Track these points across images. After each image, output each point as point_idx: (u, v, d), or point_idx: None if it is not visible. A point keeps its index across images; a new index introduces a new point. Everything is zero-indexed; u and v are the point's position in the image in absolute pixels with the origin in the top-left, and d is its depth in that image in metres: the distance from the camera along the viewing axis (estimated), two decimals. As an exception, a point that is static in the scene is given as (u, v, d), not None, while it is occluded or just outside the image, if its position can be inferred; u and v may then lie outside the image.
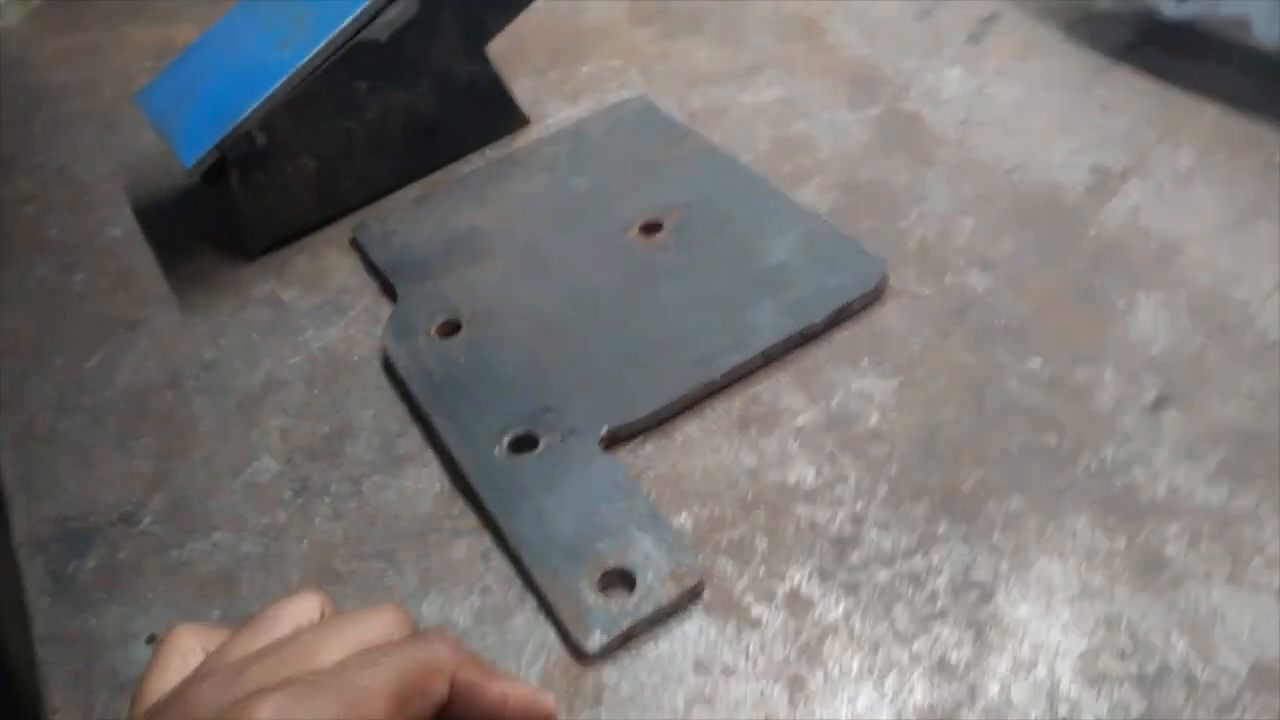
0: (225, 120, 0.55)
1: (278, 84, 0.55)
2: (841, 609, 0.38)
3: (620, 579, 0.40)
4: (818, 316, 0.48)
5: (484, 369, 0.49)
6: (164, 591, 0.44)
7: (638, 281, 0.51)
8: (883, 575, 0.38)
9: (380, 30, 0.56)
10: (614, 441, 0.45)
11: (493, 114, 0.63)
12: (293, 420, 0.50)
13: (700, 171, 0.58)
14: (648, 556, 0.40)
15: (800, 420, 0.45)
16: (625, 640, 0.38)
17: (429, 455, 0.47)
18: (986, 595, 0.37)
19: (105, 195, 0.68)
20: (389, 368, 0.51)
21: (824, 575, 0.39)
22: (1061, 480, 0.40)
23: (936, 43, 0.64)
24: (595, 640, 0.38)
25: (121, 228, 0.65)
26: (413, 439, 0.48)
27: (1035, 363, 0.44)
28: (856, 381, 0.45)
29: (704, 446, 0.44)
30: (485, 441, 0.46)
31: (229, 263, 0.60)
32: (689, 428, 0.45)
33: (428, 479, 0.46)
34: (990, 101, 0.59)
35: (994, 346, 0.45)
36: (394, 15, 0.56)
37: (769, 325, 0.48)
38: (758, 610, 0.38)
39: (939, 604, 0.37)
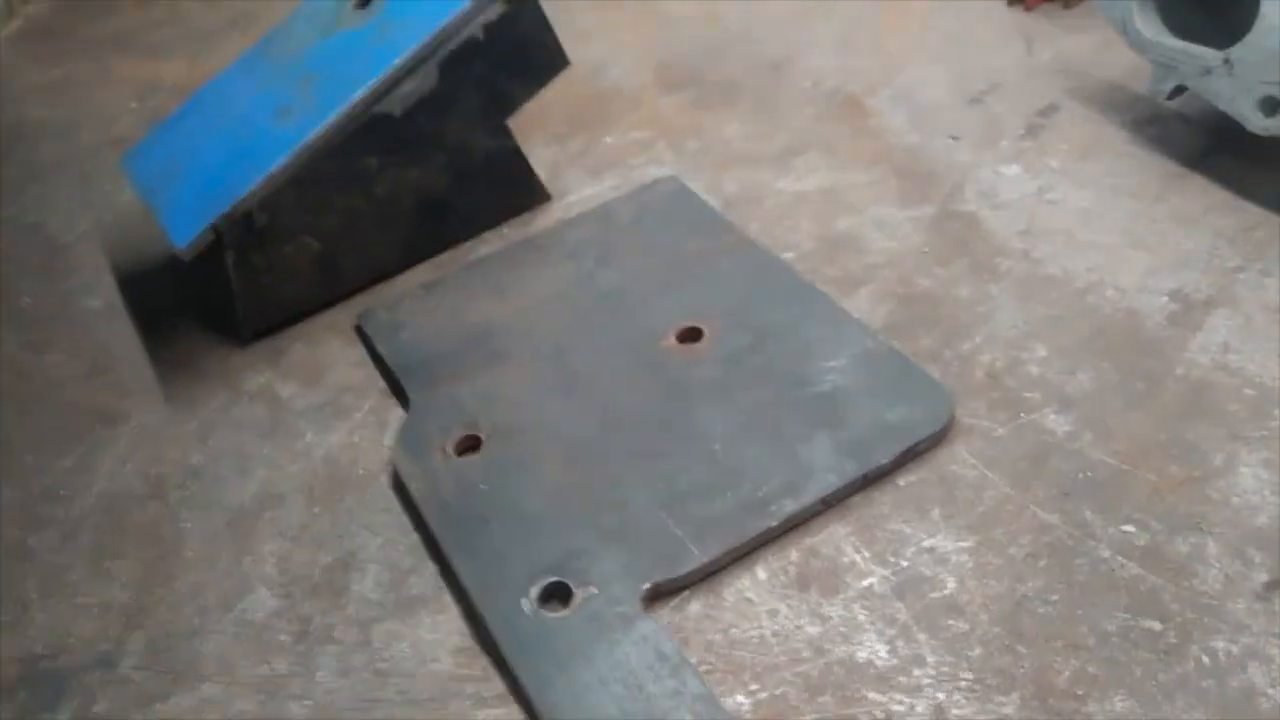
0: (222, 199, 0.50)
1: (281, 161, 0.50)
2: (929, 832, 0.33)
3: (672, 779, 0.35)
4: (884, 458, 0.43)
5: (507, 499, 0.44)
6: (142, 760, 0.38)
7: (676, 401, 0.47)
8: (973, 789, 0.34)
9: (394, 104, 0.52)
10: (655, 597, 0.41)
11: (511, 190, 0.58)
12: (290, 544, 0.45)
13: (740, 271, 0.53)
14: (704, 753, 0.35)
15: (867, 582, 0.40)
16: None
17: (446, 599, 0.42)
18: (1095, 824, 0.32)
19: (82, 257, 0.62)
20: (399, 487, 0.46)
21: (905, 784, 0.34)
22: (1169, 677, 0.36)
23: (992, 134, 0.60)
24: None
25: (100, 298, 0.59)
26: (427, 576, 0.43)
27: (1129, 528, 0.40)
28: (928, 539, 0.41)
29: (759, 609, 0.40)
30: (511, 589, 0.41)
31: (219, 346, 0.55)
32: (740, 584, 0.41)
33: (445, 629, 0.41)
34: (1054, 207, 0.55)
35: (1081, 504, 0.41)
36: (410, 88, 0.52)
37: (827, 465, 0.43)
38: (831, 826, 0.33)
39: (1041, 831, 0.33)
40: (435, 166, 0.55)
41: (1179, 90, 0.55)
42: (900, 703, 0.36)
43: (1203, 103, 0.55)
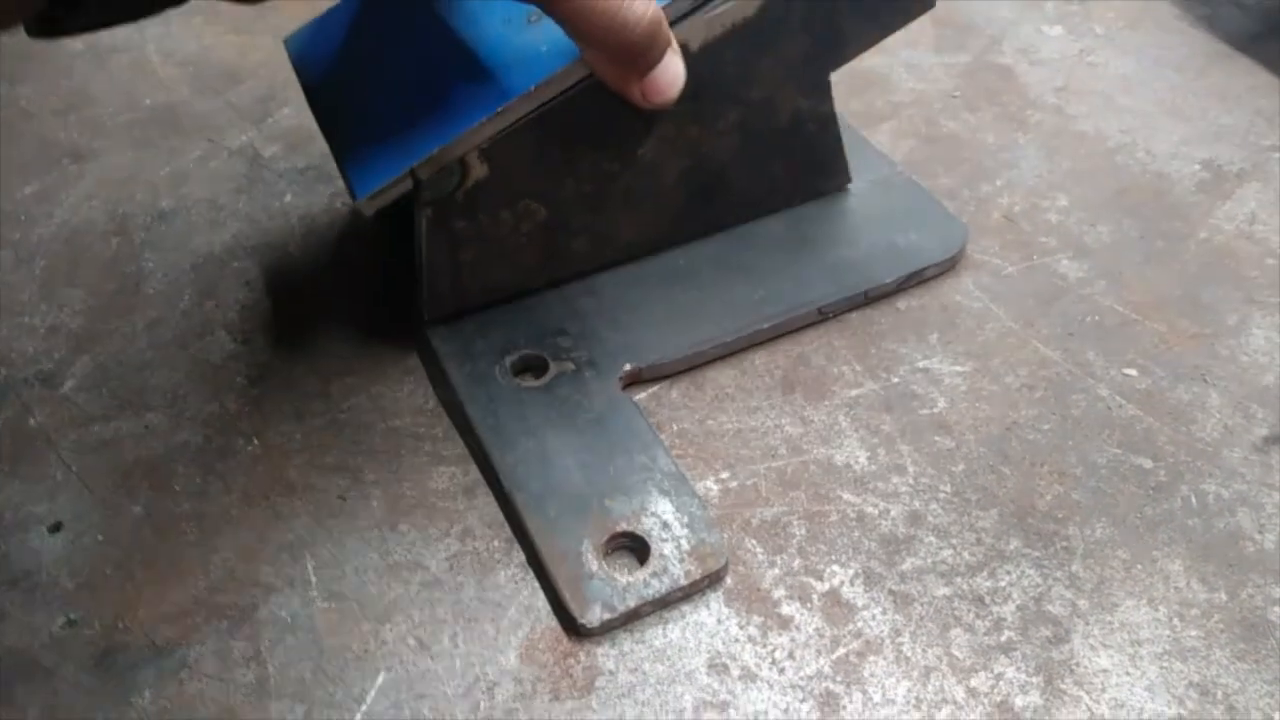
0: (428, 135, 0.36)
1: (520, 94, 0.35)
2: (889, 623, 0.32)
3: (630, 546, 0.33)
4: (887, 277, 0.41)
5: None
6: (78, 473, 0.36)
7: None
8: (941, 590, 0.32)
9: (694, 31, 0.36)
10: (634, 382, 0.39)
11: (810, 168, 0.44)
12: (258, 295, 0.43)
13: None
14: (666, 525, 0.33)
15: (854, 393, 0.38)
16: (629, 620, 0.32)
17: (413, 362, 0.40)
18: (1062, 635, 0.31)
19: None
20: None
21: (870, 579, 0.33)
22: (1155, 512, 0.34)
23: (1038, -5, 0.57)
24: (594, 615, 0.31)
25: (82, 41, 0.56)
26: (396, 338, 0.41)
27: (1131, 372, 0.39)
28: (923, 359, 0.39)
29: (740, 404, 0.38)
30: (485, 356, 0.39)
31: (201, 95, 0.52)
32: (723, 379, 0.39)
33: (409, 390, 0.39)
34: (1094, 70, 0.52)
35: (1084, 345, 0.40)
36: (721, 11, 0.36)
37: (829, 278, 0.41)
38: (789, 609, 0.32)
39: (1004, 635, 0.31)
40: (724, 126, 0.39)
41: (1242, -36, 0.53)
42: (875, 505, 0.35)
43: (1262, -16, 0.53)
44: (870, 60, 0.53)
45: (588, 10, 0.32)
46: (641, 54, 0.35)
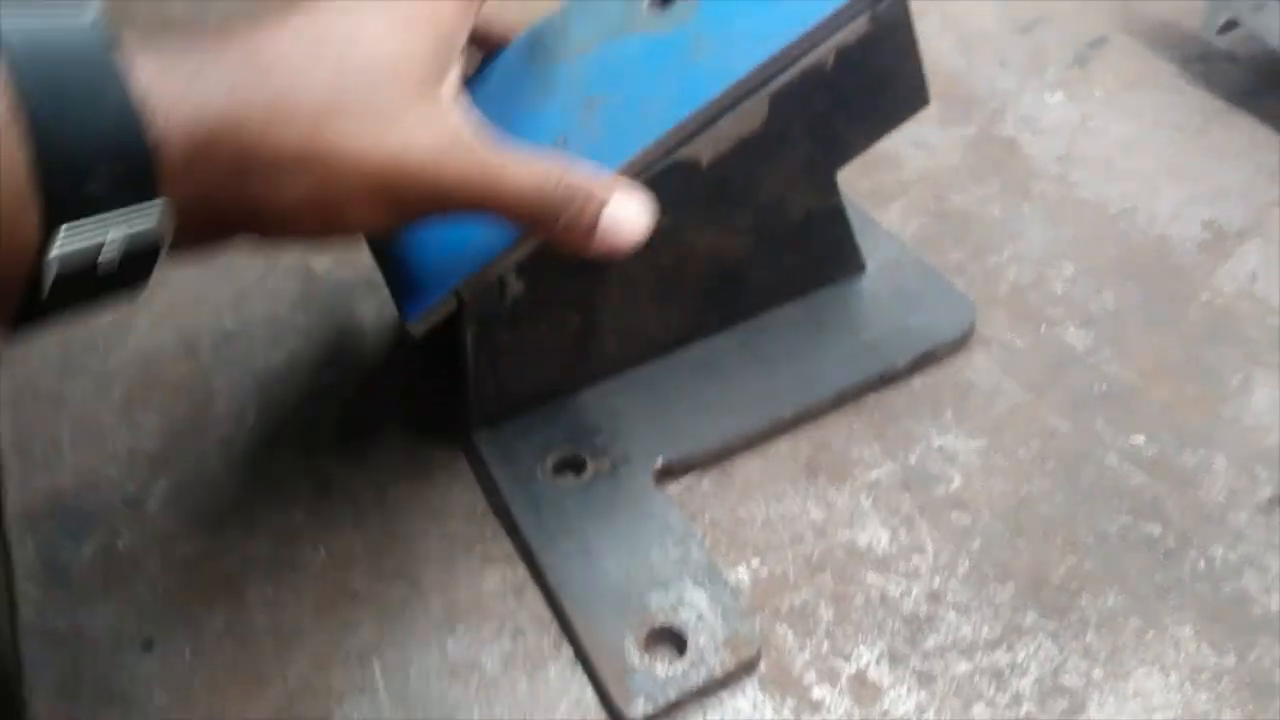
0: (470, 256, 0.38)
1: None
2: (914, 701, 0.34)
3: (670, 639, 0.36)
4: (900, 359, 0.44)
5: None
6: (164, 592, 0.40)
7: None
8: (962, 667, 0.35)
9: (704, 148, 0.39)
10: (667, 474, 0.42)
11: (825, 258, 0.46)
12: (317, 408, 0.46)
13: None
14: (701, 617, 0.36)
15: (874, 474, 0.41)
16: (671, 709, 0.34)
17: (462, 466, 0.43)
18: (1078, 705, 0.33)
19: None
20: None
21: (895, 659, 0.35)
22: (1165, 579, 0.36)
23: (1038, 62, 0.60)
24: (638, 708, 0.34)
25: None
26: (446, 444, 0.44)
27: (1139, 439, 0.40)
28: (938, 437, 0.42)
29: (767, 492, 0.41)
30: (528, 459, 0.42)
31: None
32: (750, 467, 0.42)
33: (460, 495, 0.42)
34: (1095, 135, 0.55)
35: (1093, 415, 0.42)
36: (727, 128, 0.39)
37: (845, 363, 0.44)
38: (819, 692, 0.34)
39: (1023, 709, 0.33)
40: (739, 228, 0.42)
41: (1230, 25, 0.55)
42: (898, 585, 0.37)
43: (1252, 43, 0.55)
44: (881, 141, 0.56)
45: (512, 201, 0.34)
46: (575, 213, 0.35)
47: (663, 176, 0.39)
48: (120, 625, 0.39)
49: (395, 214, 0.33)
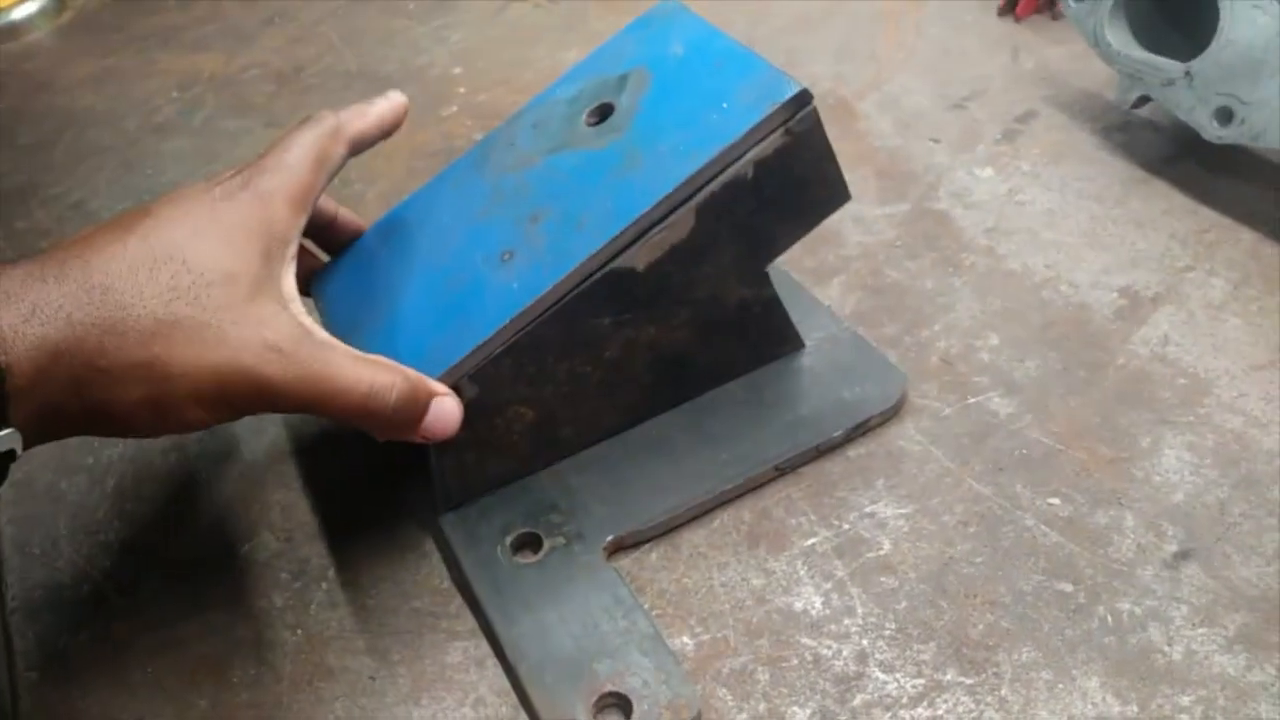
0: (427, 366, 0.42)
1: (500, 325, 0.42)
2: (842, 758, 0.37)
3: (617, 704, 0.39)
4: (835, 431, 0.47)
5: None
6: (154, 674, 0.43)
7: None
8: (885, 723, 0.37)
9: (638, 257, 0.43)
10: (618, 548, 0.45)
11: (763, 341, 0.50)
12: (294, 495, 0.49)
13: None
14: (646, 683, 0.39)
15: (810, 542, 0.44)
16: (618, 772, 0.37)
17: (429, 546, 0.46)
18: (992, 756, 0.36)
19: (123, 234, 0.67)
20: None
21: (825, 717, 0.38)
22: (1075, 633, 0.39)
23: (970, 138, 0.63)
24: (588, 772, 0.37)
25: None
26: (412, 527, 0.47)
27: (1055, 501, 0.44)
28: (870, 505, 0.45)
29: (711, 561, 0.44)
30: (488, 538, 0.45)
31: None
32: (696, 538, 0.45)
33: (427, 573, 0.45)
34: (1021, 208, 0.58)
35: (1013, 479, 0.45)
36: (659, 237, 0.43)
37: (784, 436, 0.47)
38: (756, 751, 0.37)
39: (942, 761, 0.36)
40: (677, 323, 0.46)
41: (1143, 100, 0.58)
42: (829, 647, 0.40)
43: (1170, 112, 0.58)
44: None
45: (340, 405, 0.38)
46: (403, 420, 0.40)
47: (602, 282, 0.43)
48: (113, 708, 0.42)
49: (226, 413, 0.38)
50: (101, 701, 0.42)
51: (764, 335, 0.49)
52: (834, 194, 0.47)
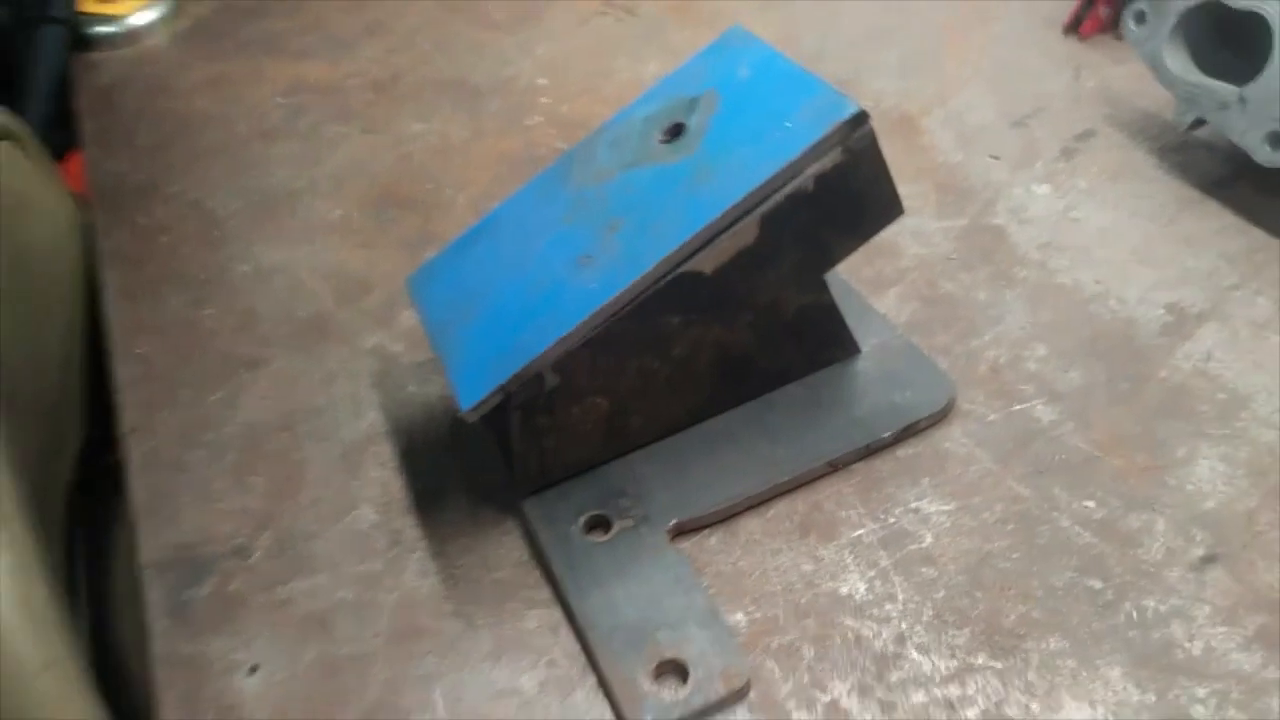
0: (514, 356, 0.46)
1: (579, 321, 0.46)
2: (878, 727, 0.40)
3: (675, 670, 0.43)
4: (886, 432, 0.50)
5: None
6: (266, 627, 0.48)
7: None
8: (918, 697, 0.41)
9: (706, 261, 0.47)
10: (680, 532, 0.49)
11: (820, 345, 0.53)
12: (390, 473, 0.55)
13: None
14: (702, 652, 0.43)
15: (858, 533, 0.47)
16: (675, 730, 0.41)
17: (510, 523, 0.51)
18: (1016, 732, 0.39)
19: (235, 231, 0.73)
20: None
21: (864, 691, 0.42)
22: (1101, 626, 0.42)
23: (1029, 155, 0.66)
24: (648, 728, 0.41)
25: (250, 264, 0.70)
26: (497, 504, 0.52)
27: (1090, 504, 0.47)
28: (915, 501, 0.48)
29: (765, 547, 0.48)
30: (564, 519, 0.49)
31: (343, 309, 0.65)
32: (752, 526, 0.49)
33: (508, 547, 0.50)
34: (1076, 225, 0.61)
35: (1052, 482, 0.48)
36: (725, 244, 0.47)
37: (838, 435, 0.51)
38: (798, 716, 0.41)
39: (970, 735, 0.40)
40: (741, 324, 0.50)
41: (1199, 122, 0.61)
42: (870, 629, 0.44)
43: (1224, 135, 0.60)
44: (883, 231, 0.63)
45: None
46: None
47: (673, 285, 0.47)
48: (231, 653, 0.47)
49: None
50: (220, 648, 0.48)
51: (822, 340, 0.53)
52: (889, 209, 0.50)
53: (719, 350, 0.51)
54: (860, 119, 0.47)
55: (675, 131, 0.52)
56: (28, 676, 0.42)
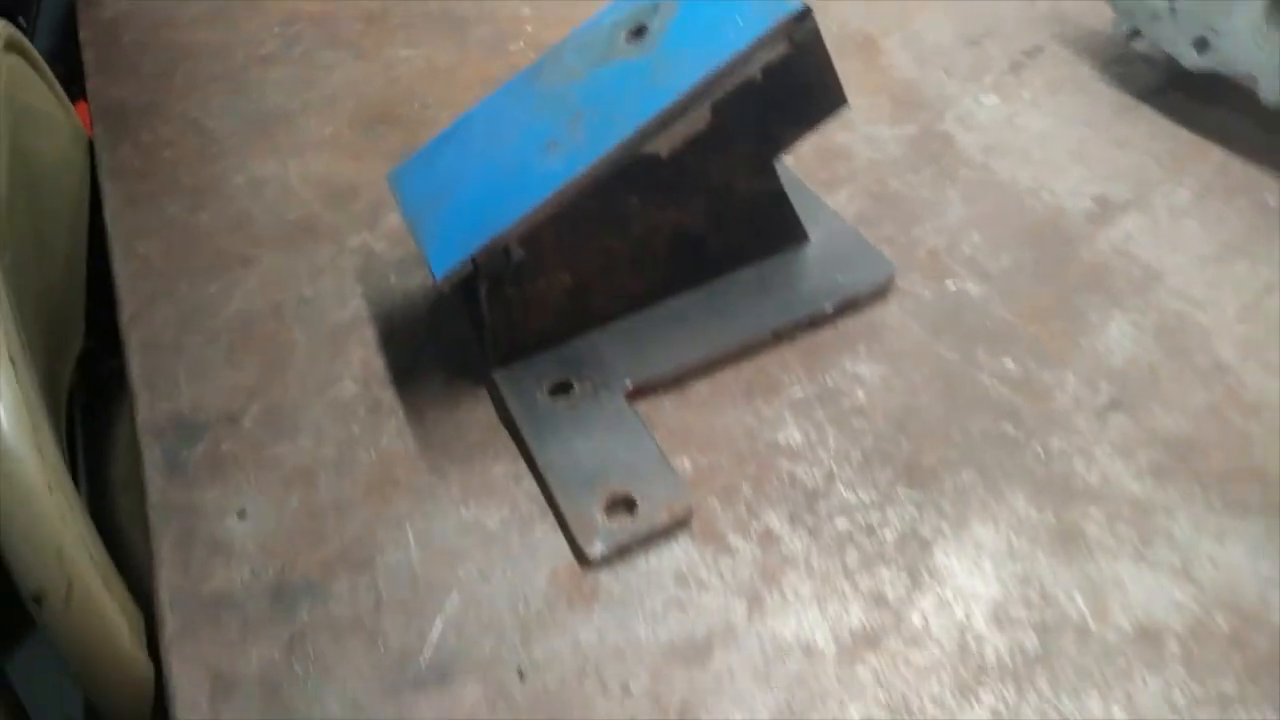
0: (482, 231, 0.50)
1: (544, 198, 0.50)
2: (802, 546, 0.45)
3: (624, 504, 0.47)
4: (828, 305, 0.55)
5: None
6: (255, 480, 0.53)
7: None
8: (842, 523, 0.45)
9: (662, 145, 0.51)
10: (637, 394, 0.53)
11: (771, 231, 0.57)
12: (371, 352, 0.59)
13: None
14: (650, 489, 0.47)
15: (798, 393, 0.52)
16: (622, 553, 0.46)
17: (482, 393, 0.55)
18: (925, 547, 0.44)
19: (231, 147, 0.78)
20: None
21: (794, 519, 0.46)
22: (1010, 463, 0.46)
23: (979, 70, 0.70)
24: (597, 549, 0.45)
25: (243, 176, 0.74)
26: (470, 377, 0.56)
27: (1008, 363, 0.51)
28: (851, 365, 0.52)
29: (713, 406, 0.52)
30: (530, 385, 0.54)
31: (332, 211, 0.69)
32: (702, 389, 0.53)
33: (480, 414, 0.54)
34: (1018, 130, 0.65)
35: (976, 347, 0.52)
36: (680, 129, 0.51)
37: (783, 309, 0.55)
38: (734, 541, 0.46)
39: (884, 550, 0.44)
40: (695, 207, 0.54)
41: (1136, 33, 0.64)
42: (803, 470, 0.48)
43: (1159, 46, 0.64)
44: (837, 136, 0.67)
45: None
46: None
47: (631, 168, 0.51)
48: (222, 500, 0.52)
49: None
50: (212, 496, 0.52)
51: (772, 225, 0.57)
52: (832, 99, 0.54)
53: (675, 232, 0.55)
54: (804, 14, 0.51)
55: (638, 33, 0.55)
56: (36, 495, 0.46)
